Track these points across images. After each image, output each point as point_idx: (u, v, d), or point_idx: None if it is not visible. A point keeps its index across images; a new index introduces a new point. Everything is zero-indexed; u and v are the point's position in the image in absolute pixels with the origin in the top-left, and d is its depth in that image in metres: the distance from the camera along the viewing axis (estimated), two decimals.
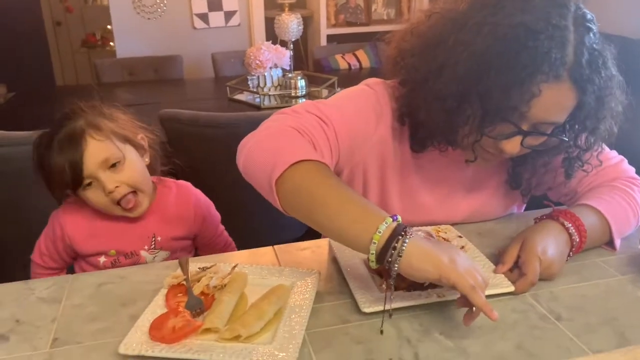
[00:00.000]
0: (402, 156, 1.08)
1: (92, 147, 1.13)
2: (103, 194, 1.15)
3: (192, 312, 0.85)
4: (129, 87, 3.32)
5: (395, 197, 1.11)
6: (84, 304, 0.92)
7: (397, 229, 0.77)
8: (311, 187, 0.84)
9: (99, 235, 1.22)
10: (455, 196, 1.14)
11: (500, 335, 0.81)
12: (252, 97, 2.75)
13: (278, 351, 0.76)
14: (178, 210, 1.28)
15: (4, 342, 0.82)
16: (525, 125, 0.91)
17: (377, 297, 0.88)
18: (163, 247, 1.26)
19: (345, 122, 1.00)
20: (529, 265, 0.91)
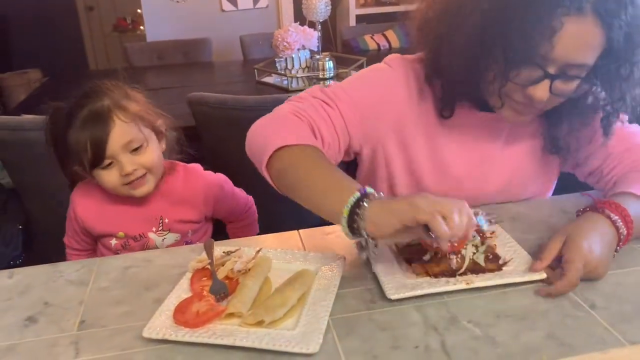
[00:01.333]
0: (426, 125, 1.07)
1: (118, 127, 1.13)
2: (117, 174, 1.15)
3: (216, 297, 0.84)
4: (159, 70, 3.34)
5: (424, 166, 1.09)
6: (110, 287, 0.92)
7: (360, 198, 0.79)
8: (294, 168, 0.91)
9: (108, 217, 1.24)
10: (487, 164, 1.11)
11: (531, 324, 0.78)
12: (280, 79, 2.73)
13: (302, 337, 0.75)
14: (187, 193, 1.28)
15: (32, 324, 0.83)
16: (553, 69, 0.89)
17: (404, 283, 0.86)
18: (171, 229, 1.27)
19: (352, 101, 1.02)
20: (571, 265, 0.84)
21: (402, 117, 1.07)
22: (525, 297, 0.84)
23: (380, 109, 1.05)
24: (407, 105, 1.06)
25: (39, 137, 1.85)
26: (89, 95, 1.16)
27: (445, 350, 0.74)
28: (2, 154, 1.98)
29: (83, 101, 1.14)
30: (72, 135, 1.13)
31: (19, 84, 4.90)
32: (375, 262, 0.90)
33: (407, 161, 1.10)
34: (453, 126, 1.07)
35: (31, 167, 1.94)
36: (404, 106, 1.06)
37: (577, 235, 0.87)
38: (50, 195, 2.01)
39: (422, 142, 1.09)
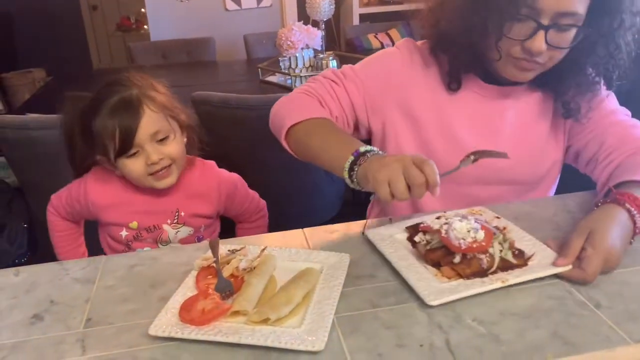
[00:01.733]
0: (434, 100, 1.15)
1: (147, 117, 1.13)
2: (143, 163, 1.15)
3: (222, 294, 0.85)
4: (163, 69, 3.34)
5: (433, 139, 1.15)
6: (116, 285, 0.93)
7: (360, 155, 0.92)
8: (307, 137, 1.06)
9: (123, 205, 1.24)
10: (495, 136, 1.15)
11: (535, 323, 0.78)
12: (284, 78, 2.74)
13: (307, 335, 0.75)
14: (202, 188, 1.29)
15: (39, 321, 0.84)
16: (545, 20, 0.96)
17: (440, 288, 0.84)
18: (186, 222, 1.27)
19: (359, 78, 1.15)
20: (591, 261, 0.85)
21: (408, 92, 1.15)
22: (530, 295, 0.84)
23: (385, 84, 1.15)
24: (413, 81, 1.15)
25: (43, 136, 1.87)
26: (116, 84, 1.16)
27: (449, 349, 0.74)
28: (7, 153, 1.99)
29: (110, 90, 1.14)
30: (99, 122, 1.12)
31: (23, 83, 4.92)
32: (405, 270, 0.89)
33: (416, 135, 1.16)
34: (461, 99, 1.14)
35: (36, 166, 1.95)
36: (410, 82, 1.15)
37: (600, 231, 0.88)
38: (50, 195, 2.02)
39: (431, 116, 1.15)
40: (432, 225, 0.92)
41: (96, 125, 1.13)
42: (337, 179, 2.47)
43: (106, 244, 1.30)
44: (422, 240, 0.93)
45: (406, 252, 0.95)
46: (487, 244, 0.86)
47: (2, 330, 0.82)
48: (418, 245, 0.94)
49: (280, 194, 2.09)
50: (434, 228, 0.91)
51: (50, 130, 1.85)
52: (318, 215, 2.29)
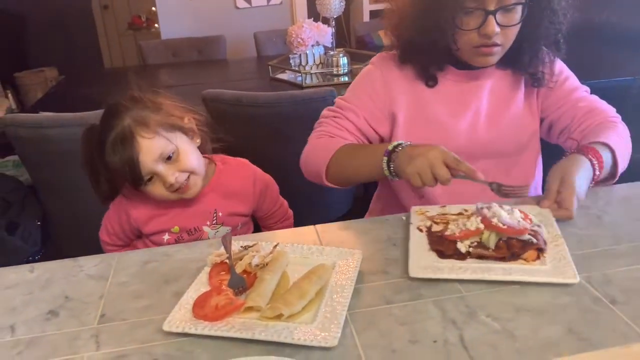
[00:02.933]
0: (418, 98, 1.26)
1: (144, 146, 1.12)
2: (162, 186, 1.16)
3: (235, 290, 0.85)
4: (173, 68, 3.36)
5: (423, 132, 1.25)
6: (129, 281, 0.93)
7: (392, 149, 1.07)
8: (341, 167, 1.19)
9: (162, 214, 1.24)
10: (477, 114, 1.26)
11: (550, 319, 0.78)
12: (294, 75, 2.74)
13: (320, 330, 0.75)
14: (238, 186, 1.29)
15: (54, 317, 0.85)
16: (491, 5, 1.09)
17: (427, 265, 0.89)
18: (224, 222, 1.28)
19: (352, 106, 1.27)
20: (568, 200, 1.02)
21: (394, 97, 1.26)
22: (545, 292, 0.83)
23: (375, 98, 1.27)
24: (395, 86, 1.26)
25: (56, 135, 1.89)
26: (110, 116, 1.15)
27: (463, 345, 0.74)
28: (21, 151, 2.00)
29: (107, 124, 1.14)
30: (108, 160, 1.13)
31: (35, 82, 4.96)
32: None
33: (409, 132, 1.25)
34: (440, 90, 1.26)
35: (49, 164, 1.97)
36: (393, 88, 1.26)
37: (570, 174, 1.05)
38: (68, 192, 2.04)
39: (416, 112, 1.26)
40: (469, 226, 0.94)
41: (109, 165, 1.14)
42: None
43: (144, 246, 1.29)
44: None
45: (423, 236, 0.99)
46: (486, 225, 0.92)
47: (18, 326, 0.83)
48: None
49: (290, 191, 2.08)
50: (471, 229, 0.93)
51: (62, 128, 1.87)
52: (329, 212, 2.29)
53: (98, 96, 1.19)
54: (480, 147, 1.25)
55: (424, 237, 0.98)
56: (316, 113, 2.00)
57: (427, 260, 0.90)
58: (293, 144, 2.13)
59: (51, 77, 5.02)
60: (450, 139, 1.22)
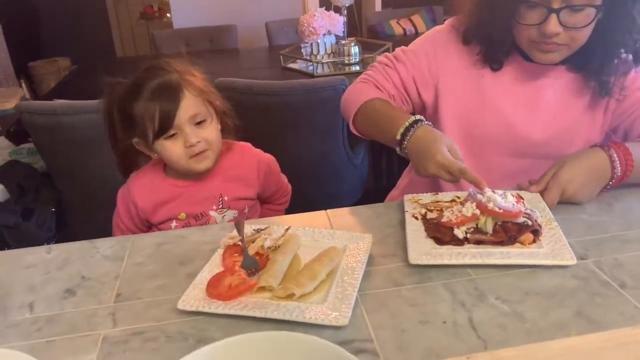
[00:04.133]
0: (476, 72, 1.22)
1: (187, 100, 1.15)
2: (181, 145, 1.17)
3: (248, 271, 0.87)
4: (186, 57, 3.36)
5: (476, 110, 1.22)
6: (144, 262, 0.95)
7: (409, 127, 1.06)
8: (367, 117, 1.22)
9: (168, 202, 1.25)
10: (535, 112, 1.20)
11: (559, 302, 0.79)
12: (306, 65, 2.74)
13: (331, 310, 0.77)
14: (242, 171, 1.31)
15: (71, 296, 0.87)
16: (557, 3, 1.02)
17: (426, 252, 0.89)
18: (230, 206, 1.29)
19: (407, 58, 1.26)
20: (548, 193, 1.02)
21: (452, 63, 1.23)
22: (555, 275, 0.84)
23: (432, 60, 1.24)
24: (457, 55, 1.23)
25: (70, 122, 1.91)
26: (155, 69, 1.18)
27: (472, 326, 0.75)
28: (35, 138, 2.03)
29: (150, 74, 1.17)
30: (140, 105, 1.14)
31: (49, 71, 5.00)
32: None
33: (460, 105, 1.23)
34: (502, 75, 1.21)
35: (64, 151, 2.00)
36: (454, 56, 1.23)
37: (568, 165, 1.03)
38: (82, 178, 2.07)
39: (472, 89, 1.22)
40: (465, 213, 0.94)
41: (136, 108, 1.15)
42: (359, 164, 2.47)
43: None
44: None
45: (420, 225, 0.99)
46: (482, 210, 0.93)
47: (37, 303, 0.85)
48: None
49: (302, 180, 2.09)
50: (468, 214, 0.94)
51: (77, 115, 1.89)
52: (340, 201, 2.30)
53: None
54: (530, 146, 1.21)
55: (420, 224, 0.98)
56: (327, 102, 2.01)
57: (426, 247, 0.91)
58: (304, 132, 2.15)
59: (64, 67, 5.06)
60: (503, 130, 1.20)
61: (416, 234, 0.95)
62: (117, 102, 1.18)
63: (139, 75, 1.18)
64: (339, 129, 2.16)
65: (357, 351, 0.71)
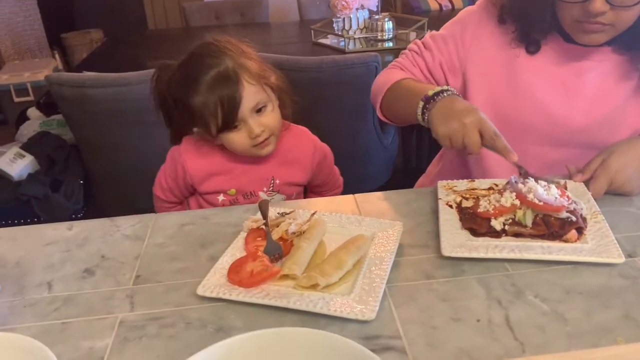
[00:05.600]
0: (510, 54, 1.14)
1: (247, 90, 1.10)
2: (246, 136, 1.13)
3: (271, 257, 0.83)
4: (216, 30, 3.32)
5: (505, 95, 1.15)
6: (165, 243, 0.92)
7: (432, 95, 1.00)
8: (391, 99, 1.19)
9: (221, 174, 1.22)
10: (573, 97, 1.12)
11: (604, 303, 0.73)
12: (337, 40, 2.67)
13: (357, 303, 0.73)
14: (297, 154, 1.26)
15: (90, 276, 0.85)
16: None
17: (461, 244, 0.84)
18: (280, 190, 1.25)
19: (435, 45, 1.22)
20: (595, 182, 0.96)
21: (483, 47, 1.17)
22: (599, 274, 0.78)
23: (460, 46, 1.19)
24: (488, 38, 1.17)
25: (98, 94, 1.89)
26: (206, 57, 1.12)
27: (509, 326, 0.70)
28: (64, 110, 2.03)
29: (203, 64, 1.10)
30: (199, 99, 1.09)
31: (81, 43, 5.02)
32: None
33: (488, 91, 1.17)
34: (539, 58, 1.13)
35: (91, 124, 1.99)
36: (485, 39, 1.17)
37: (615, 154, 0.97)
38: (109, 151, 2.06)
39: (503, 73, 1.15)
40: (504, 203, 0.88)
41: (196, 102, 1.10)
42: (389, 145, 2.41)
43: (197, 207, 1.28)
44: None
45: (454, 213, 0.93)
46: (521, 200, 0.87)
47: (56, 282, 0.83)
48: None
49: None
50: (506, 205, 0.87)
51: (105, 88, 1.87)
52: (368, 182, 2.25)
53: (141, 57, 1.16)
54: (569, 134, 1.13)
55: (454, 213, 0.93)
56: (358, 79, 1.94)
57: (460, 239, 0.86)
58: (333, 111, 2.09)
59: (97, 39, 5.07)
60: (540, 116, 1.13)
61: (450, 223, 0.89)
62: (173, 93, 1.13)
63: (190, 63, 1.12)
64: (369, 108, 2.09)
65: (383, 348, 0.67)
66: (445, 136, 0.94)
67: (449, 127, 0.93)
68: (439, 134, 0.95)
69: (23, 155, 2.37)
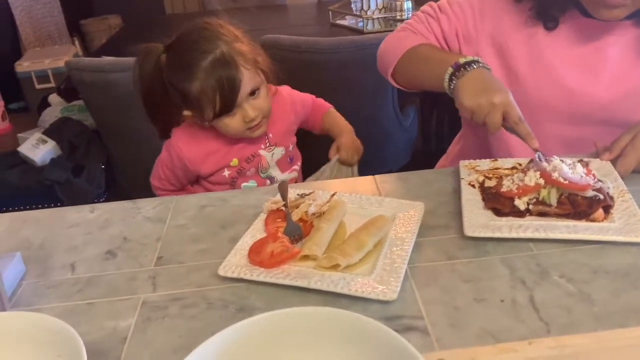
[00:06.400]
0: (529, 30, 1.11)
1: (245, 76, 1.11)
2: (241, 120, 1.14)
3: (291, 238, 0.82)
4: (233, 13, 3.31)
5: (524, 71, 1.11)
6: (186, 224, 0.93)
7: (464, 64, 0.96)
8: (410, 65, 1.13)
9: (218, 151, 1.22)
10: (595, 71, 1.08)
11: (633, 283, 0.71)
12: (355, 21, 2.63)
13: (378, 284, 0.72)
14: (280, 113, 1.28)
15: (112, 257, 0.85)
16: None
17: (484, 224, 0.82)
18: (277, 143, 1.27)
19: (452, 11, 1.16)
20: (624, 159, 0.93)
21: (501, 22, 1.13)
22: (627, 253, 0.76)
23: (478, 15, 1.14)
24: (507, 11, 1.12)
25: (118, 79, 1.90)
26: (200, 41, 1.11)
27: (534, 306, 0.68)
28: (84, 95, 2.04)
29: (197, 49, 1.10)
30: (196, 85, 1.09)
31: (100, 29, 5.03)
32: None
33: (505, 66, 1.13)
34: (559, 34, 1.09)
35: (111, 108, 2.00)
36: (504, 12, 1.13)
37: None
38: (130, 136, 2.07)
39: (523, 49, 1.11)
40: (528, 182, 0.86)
41: (193, 88, 1.10)
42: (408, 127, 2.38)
43: (204, 190, 1.29)
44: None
45: (478, 194, 0.91)
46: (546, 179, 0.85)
47: (78, 264, 0.84)
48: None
49: None
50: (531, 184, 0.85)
51: (124, 72, 1.87)
52: (388, 163, 2.23)
53: (158, 41, 1.16)
54: (595, 110, 1.10)
55: (477, 193, 0.91)
56: None
57: (483, 219, 0.84)
58: (352, 92, 2.07)
59: (115, 25, 5.08)
60: (559, 93, 1.09)
61: (472, 203, 0.88)
62: (164, 78, 1.13)
63: (183, 47, 1.11)
64: (388, 89, 2.07)
65: (406, 328, 0.67)
66: (470, 110, 0.92)
67: (476, 101, 0.91)
68: (465, 106, 0.93)
69: (45, 140, 2.40)
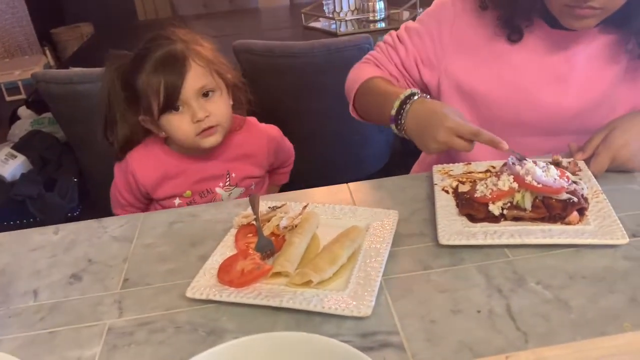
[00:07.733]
0: (492, 45, 1.09)
1: (193, 71, 1.08)
2: (189, 121, 1.10)
3: (262, 254, 0.80)
4: (205, 19, 3.28)
5: (492, 87, 1.09)
6: (154, 243, 0.90)
7: (403, 100, 0.98)
8: (363, 99, 1.16)
9: (173, 178, 1.19)
10: (563, 82, 1.06)
11: (609, 287, 0.70)
12: (328, 23, 2.61)
13: (352, 299, 0.70)
14: (251, 148, 1.24)
15: (77, 281, 0.82)
16: None
17: (458, 231, 0.81)
18: (238, 184, 1.23)
19: (411, 41, 1.16)
20: (597, 159, 0.92)
21: (462, 42, 1.11)
22: (603, 256, 0.75)
23: (437, 39, 1.14)
24: (467, 29, 1.11)
25: (87, 90, 1.85)
26: (160, 39, 1.11)
27: (511, 316, 0.67)
28: (53, 108, 1.99)
29: (154, 44, 1.09)
30: (144, 78, 1.07)
31: (72, 37, 4.95)
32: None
33: (472, 91, 1.11)
34: (524, 46, 1.08)
35: (81, 120, 1.94)
36: (464, 30, 1.11)
37: (619, 129, 0.93)
38: (102, 147, 2.02)
39: (488, 65, 1.10)
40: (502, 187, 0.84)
41: (140, 81, 1.08)
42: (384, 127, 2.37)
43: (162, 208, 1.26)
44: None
45: (452, 201, 0.90)
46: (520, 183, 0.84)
47: (41, 290, 0.81)
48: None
49: (326, 144, 2.01)
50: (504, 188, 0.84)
51: (93, 83, 1.83)
52: (366, 165, 2.21)
53: (130, 49, 1.13)
54: (565, 121, 1.08)
55: (451, 199, 0.89)
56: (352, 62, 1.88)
57: (457, 225, 0.82)
58: (328, 94, 2.04)
59: (87, 33, 5.00)
60: (531, 108, 1.07)
61: (446, 210, 0.86)
62: (121, 76, 1.11)
63: (143, 46, 1.10)
64: None
65: (381, 345, 0.65)
66: (435, 151, 0.93)
67: (431, 147, 0.92)
68: (431, 153, 0.98)
69: (15, 155, 2.34)
